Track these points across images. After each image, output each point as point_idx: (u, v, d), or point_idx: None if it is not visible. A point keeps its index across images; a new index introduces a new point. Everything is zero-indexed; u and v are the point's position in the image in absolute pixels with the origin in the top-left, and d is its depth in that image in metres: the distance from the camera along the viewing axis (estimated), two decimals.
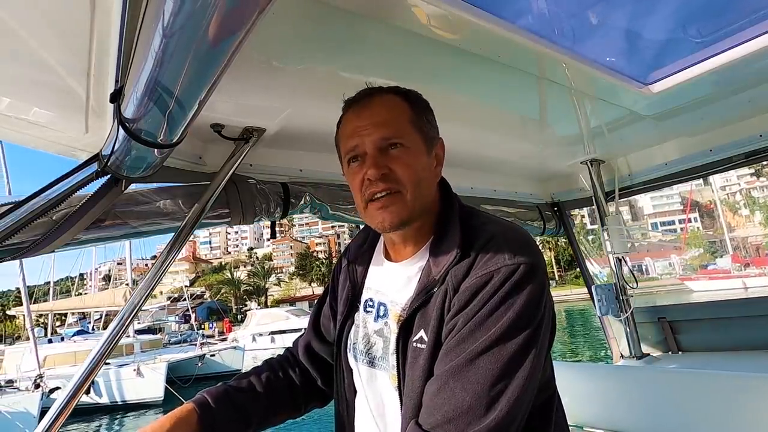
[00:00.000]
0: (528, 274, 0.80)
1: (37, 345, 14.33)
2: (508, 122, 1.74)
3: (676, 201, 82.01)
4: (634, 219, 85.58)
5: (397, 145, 0.89)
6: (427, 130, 0.95)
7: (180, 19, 0.59)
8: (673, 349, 2.42)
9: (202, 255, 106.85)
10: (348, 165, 0.94)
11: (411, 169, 0.89)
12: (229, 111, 1.30)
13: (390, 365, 0.92)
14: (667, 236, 75.13)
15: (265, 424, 1.09)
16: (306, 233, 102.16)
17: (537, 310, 0.80)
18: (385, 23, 0.99)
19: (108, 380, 14.68)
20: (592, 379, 2.02)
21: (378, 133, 0.89)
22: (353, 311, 1.05)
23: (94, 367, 1.22)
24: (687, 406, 1.71)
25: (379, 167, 0.87)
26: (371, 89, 0.96)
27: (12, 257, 1.07)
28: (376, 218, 0.90)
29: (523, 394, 0.75)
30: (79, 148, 1.19)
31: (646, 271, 57.25)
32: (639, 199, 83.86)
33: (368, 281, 1.06)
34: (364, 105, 0.93)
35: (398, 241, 0.98)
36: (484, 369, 0.75)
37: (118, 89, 0.89)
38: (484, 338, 0.76)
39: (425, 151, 0.94)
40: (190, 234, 1.33)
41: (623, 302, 2.47)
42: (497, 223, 0.91)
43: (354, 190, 0.94)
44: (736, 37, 1.24)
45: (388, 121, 0.90)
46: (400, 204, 0.88)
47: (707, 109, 1.71)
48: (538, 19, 1.13)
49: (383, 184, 0.87)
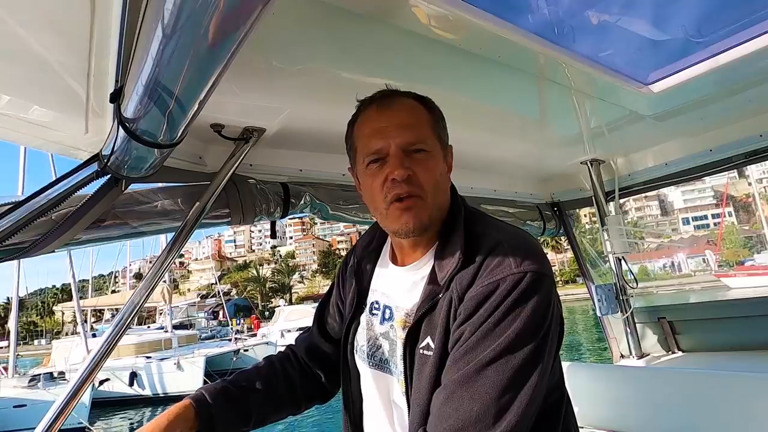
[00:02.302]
0: (535, 282, 0.79)
1: (87, 339, 15.35)
2: (508, 122, 1.74)
3: (709, 195, 79.44)
4: (663, 214, 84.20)
5: (421, 150, 0.89)
6: (443, 137, 0.97)
7: (180, 19, 0.59)
8: (673, 349, 2.42)
9: (227, 253, 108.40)
10: (367, 166, 0.92)
11: (432, 174, 0.90)
12: (229, 111, 1.30)
13: (398, 370, 0.92)
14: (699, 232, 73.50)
15: (265, 420, 1.09)
16: (328, 231, 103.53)
17: (544, 319, 0.79)
18: (385, 23, 0.99)
19: (150, 373, 15.53)
20: (592, 378, 2.02)
21: (403, 137, 0.88)
22: (359, 312, 1.05)
23: (94, 367, 1.23)
24: (687, 406, 1.71)
25: (405, 169, 0.87)
26: (390, 91, 0.96)
27: (12, 257, 1.07)
28: (401, 219, 0.89)
29: (531, 403, 0.75)
30: (79, 148, 1.19)
31: (678, 267, 56.71)
32: (669, 194, 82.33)
33: (374, 283, 1.06)
34: (386, 106, 0.93)
35: (407, 245, 0.98)
36: (492, 379, 0.74)
37: (118, 89, 0.89)
38: (491, 348, 0.76)
39: (442, 158, 0.95)
40: (190, 234, 1.33)
41: (623, 302, 2.47)
42: (502, 229, 0.91)
43: (373, 190, 0.92)
44: (736, 37, 1.24)
45: (412, 125, 0.90)
46: (422, 207, 0.89)
47: (707, 109, 1.71)
48: (538, 19, 1.13)
49: (407, 187, 0.87)
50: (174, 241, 1.32)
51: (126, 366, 15.88)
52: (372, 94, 0.97)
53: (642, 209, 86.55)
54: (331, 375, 1.16)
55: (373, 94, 0.97)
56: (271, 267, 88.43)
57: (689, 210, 79.84)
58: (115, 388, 15.41)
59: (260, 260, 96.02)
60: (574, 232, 2.76)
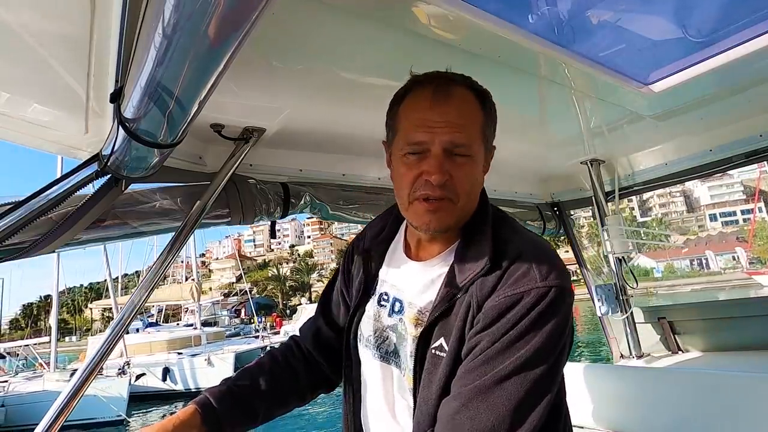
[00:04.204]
0: (558, 298, 0.78)
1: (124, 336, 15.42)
2: (508, 122, 1.73)
3: (738, 190, 77.53)
4: (689, 210, 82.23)
5: (464, 155, 0.86)
6: (490, 139, 0.94)
7: (180, 19, 0.59)
8: (673, 349, 2.42)
9: (246, 252, 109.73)
10: (405, 154, 0.88)
11: (469, 181, 0.87)
12: (229, 111, 1.30)
13: (407, 367, 0.91)
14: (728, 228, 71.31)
15: (272, 415, 1.08)
16: (345, 230, 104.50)
17: (562, 336, 0.79)
18: (386, 23, 0.99)
19: (182, 369, 16.06)
20: (592, 379, 2.02)
21: (451, 136, 0.84)
22: (365, 300, 1.04)
23: (94, 367, 1.22)
24: (687, 406, 1.71)
25: (444, 173, 0.83)
26: (449, 76, 0.90)
27: (12, 257, 1.07)
28: (423, 218, 0.87)
29: (544, 416, 0.76)
30: (79, 148, 1.19)
31: (706, 265, 56.16)
32: (695, 189, 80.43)
33: (384, 274, 1.04)
34: (441, 97, 0.86)
35: (426, 239, 0.96)
36: (509, 392, 0.74)
37: (118, 89, 0.89)
38: (511, 360, 0.76)
39: (483, 163, 0.92)
40: (190, 234, 1.33)
41: (623, 302, 2.47)
42: (526, 236, 0.90)
43: (403, 181, 0.88)
44: (736, 37, 1.24)
45: (463, 125, 0.86)
46: (449, 211, 0.87)
47: (707, 109, 1.71)
48: (538, 19, 1.13)
49: (440, 191, 0.84)
50: (174, 241, 1.32)
51: (159, 362, 16.41)
52: (428, 72, 0.91)
53: (666, 205, 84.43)
54: (336, 364, 1.14)
55: (430, 74, 0.90)
56: (290, 266, 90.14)
57: (716, 206, 77.67)
58: (149, 383, 15.90)
59: (279, 259, 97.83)
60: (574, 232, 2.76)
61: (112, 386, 12.92)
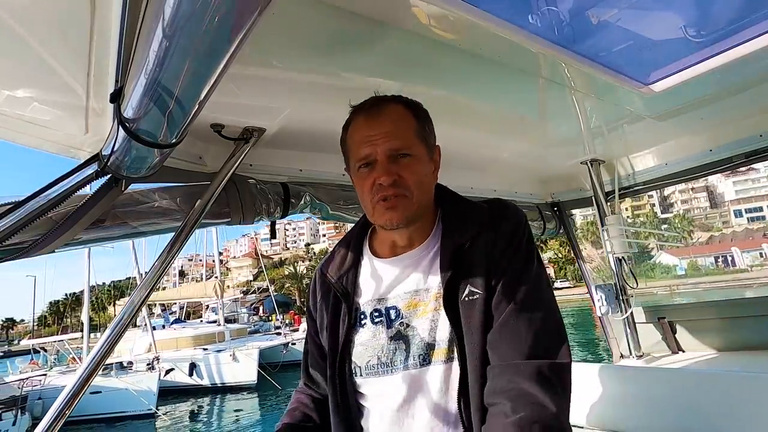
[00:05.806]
0: (527, 222, 1.03)
1: (153, 332, 17.03)
2: (508, 122, 1.74)
3: (765, 185, 75.49)
4: (713, 206, 79.96)
5: (406, 156, 0.98)
6: (429, 139, 1.05)
7: (180, 19, 0.59)
8: (673, 349, 2.42)
9: (263, 251, 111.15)
10: (358, 169, 1.02)
11: (416, 175, 0.99)
12: (229, 111, 1.30)
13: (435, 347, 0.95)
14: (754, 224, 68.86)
15: None
16: None
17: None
18: (385, 23, 0.99)
19: (208, 364, 16.61)
20: (592, 379, 2.02)
21: (389, 144, 0.97)
22: (351, 333, 1.04)
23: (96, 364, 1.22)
24: (687, 406, 1.71)
25: (391, 174, 0.96)
26: (379, 98, 1.04)
27: (12, 257, 1.07)
28: (385, 216, 0.99)
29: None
30: (79, 148, 1.19)
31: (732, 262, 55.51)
32: (719, 185, 78.61)
33: (365, 295, 1.06)
34: (375, 115, 1.00)
35: (403, 242, 1.06)
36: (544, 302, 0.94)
37: (118, 89, 0.89)
38: (529, 278, 0.94)
39: (427, 159, 1.04)
40: (190, 234, 1.33)
41: (623, 302, 2.47)
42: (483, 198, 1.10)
43: (363, 191, 1.02)
44: (736, 37, 1.24)
45: (397, 133, 0.99)
46: (405, 205, 0.98)
47: (707, 109, 1.71)
48: (538, 19, 1.13)
49: (393, 189, 0.97)
50: (174, 241, 1.32)
51: (185, 357, 16.85)
52: (363, 100, 1.04)
53: (688, 201, 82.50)
54: None
55: (363, 102, 1.04)
56: (306, 264, 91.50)
57: (741, 201, 75.65)
58: (176, 378, 16.33)
59: (295, 257, 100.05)
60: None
61: (142, 380, 13.47)
